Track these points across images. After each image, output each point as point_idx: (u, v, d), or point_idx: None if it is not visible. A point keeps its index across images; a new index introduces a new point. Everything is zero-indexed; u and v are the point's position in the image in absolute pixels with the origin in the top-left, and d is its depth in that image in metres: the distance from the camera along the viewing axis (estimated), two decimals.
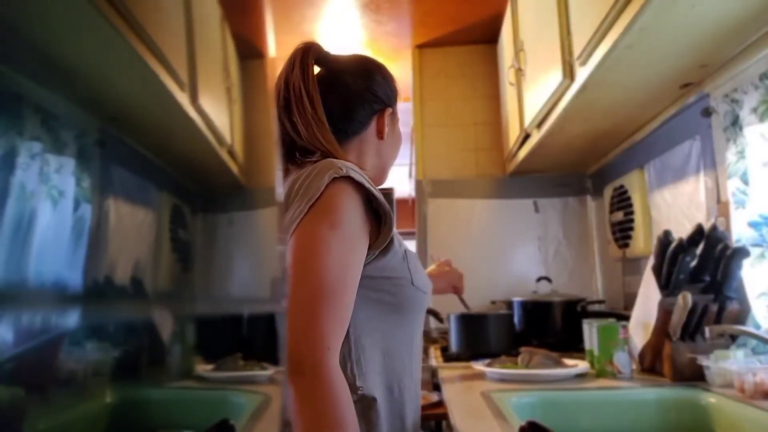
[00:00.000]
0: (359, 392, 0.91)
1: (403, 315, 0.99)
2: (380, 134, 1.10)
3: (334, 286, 0.86)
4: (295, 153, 1.03)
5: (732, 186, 1.43)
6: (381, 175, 1.14)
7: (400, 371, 0.98)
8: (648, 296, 1.56)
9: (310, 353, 0.81)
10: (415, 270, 1.00)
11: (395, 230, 0.99)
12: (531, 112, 2.05)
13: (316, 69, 1.10)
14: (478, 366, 1.62)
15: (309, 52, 1.05)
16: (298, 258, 0.86)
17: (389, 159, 1.15)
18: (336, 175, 0.89)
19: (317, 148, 1.01)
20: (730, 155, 1.43)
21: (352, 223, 0.90)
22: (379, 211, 0.93)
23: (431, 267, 1.56)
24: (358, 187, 0.92)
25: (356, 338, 0.93)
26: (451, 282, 1.52)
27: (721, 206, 1.50)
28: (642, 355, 1.54)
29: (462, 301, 1.71)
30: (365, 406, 0.92)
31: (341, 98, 1.07)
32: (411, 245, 2.89)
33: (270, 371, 0.54)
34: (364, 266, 0.92)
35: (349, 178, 0.90)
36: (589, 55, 1.41)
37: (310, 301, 0.84)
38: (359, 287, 0.91)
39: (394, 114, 1.14)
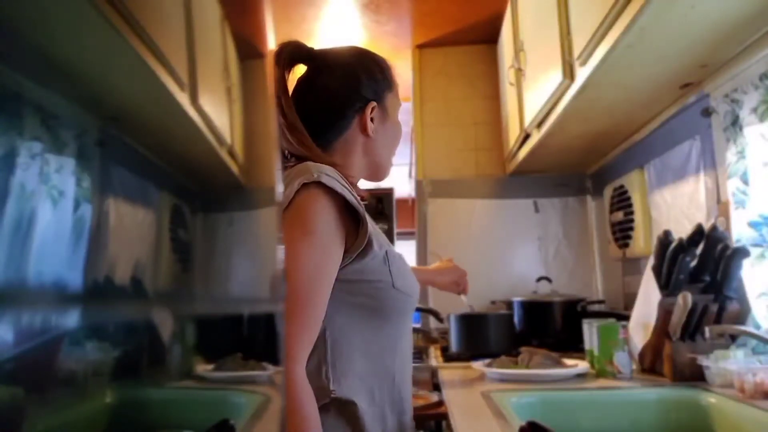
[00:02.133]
0: (332, 395, 0.90)
1: (384, 319, 0.98)
2: (364, 130, 1.05)
3: (304, 296, 0.86)
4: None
5: (732, 186, 1.43)
6: (377, 171, 1.10)
7: (382, 374, 0.97)
8: (648, 296, 1.56)
9: None
10: (398, 272, 0.98)
11: (376, 232, 0.98)
12: (531, 112, 2.05)
13: (303, 68, 1.07)
14: (478, 366, 1.62)
15: (281, 55, 1.02)
16: None
17: (383, 154, 1.09)
18: (306, 181, 0.88)
19: (293, 154, 0.99)
20: (730, 155, 1.43)
21: (324, 229, 0.89)
22: (357, 214, 0.92)
23: (435, 263, 1.55)
24: (330, 191, 0.90)
25: (333, 342, 0.92)
26: (454, 279, 1.48)
27: (721, 206, 1.50)
28: (642, 355, 1.54)
29: (465, 302, 1.71)
30: (341, 409, 0.92)
31: (320, 101, 1.04)
32: (411, 245, 2.90)
33: (270, 371, 0.54)
34: (341, 269, 0.91)
35: (319, 184, 0.89)
36: (589, 55, 1.41)
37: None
38: (337, 291, 0.90)
39: (382, 107, 1.07)
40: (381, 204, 3.26)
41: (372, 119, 1.06)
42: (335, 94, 1.05)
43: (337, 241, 0.91)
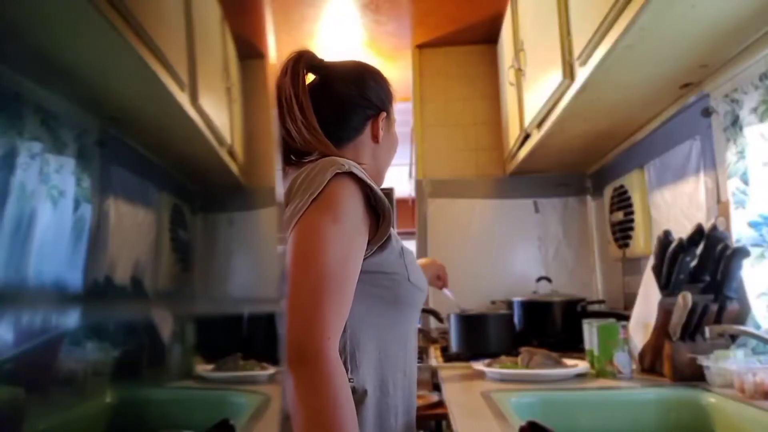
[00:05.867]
0: (350, 384, 0.92)
1: (398, 311, 1.01)
2: (376, 138, 1.12)
3: (335, 278, 0.87)
4: (290, 156, 1.07)
5: (732, 186, 1.43)
6: (377, 177, 1.15)
7: (394, 367, 1.00)
8: (648, 296, 1.56)
9: (311, 343, 0.82)
10: (412, 267, 1.02)
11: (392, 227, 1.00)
12: (531, 112, 2.05)
13: (311, 77, 1.11)
14: (478, 366, 1.62)
15: (300, 60, 1.06)
16: (300, 250, 0.88)
17: (385, 162, 1.16)
18: (338, 171, 0.91)
19: (314, 151, 1.04)
20: (730, 155, 1.43)
21: (353, 218, 0.92)
22: (377, 208, 0.95)
23: (419, 260, 1.58)
24: (360, 182, 0.93)
25: (352, 332, 0.95)
26: (435, 273, 1.54)
27: (721, 206, 1.50)
28: (642, 355, 1.54)
29: (451, 297, 1.72)
30: (357, 399, 0.93)
31: (334, 106, 1.09)
32: (411, 245, 2.90)
33: (270, 371, 0.54)
34: (362, 260, 0.94)
35: (351, 174, 0.92)
36: (589, 55, 1.41)
37: (312, 292, 0.85)
38: (357, 282, 0.92)
39: (389, 117, 1.15)
40: None
41: (384, 125, 1.13)
42: (349, 101, 1.10)
43: (363, 231, 0.94)
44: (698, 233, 1.46)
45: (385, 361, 0.98)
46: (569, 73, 1.58)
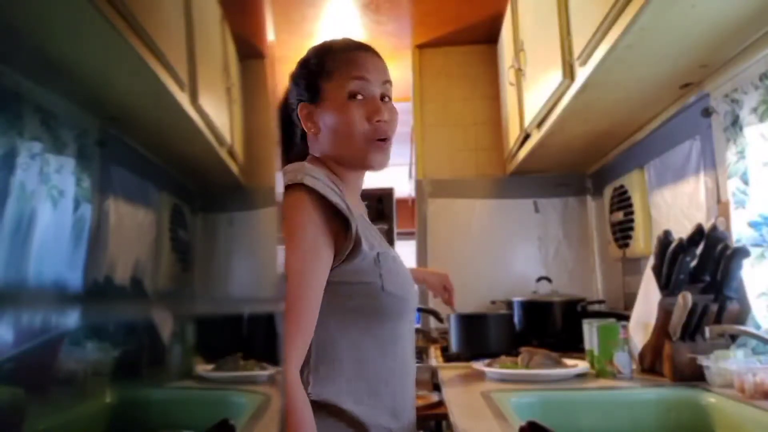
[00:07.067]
0: (309, 398, 0.89)
1: (376, 321, 0.96)
2: (310, 131, 1.03)
3: (295, 299, 0.85)
4: None
5: (732, 186, 1.43)
6: (352, 159, 1.01)
7: (373, 378, 0.95)
8: (648, 296, 1.56)
9: None
10: (389, 275, 0.95)
11: (371, 233, 0.97)
12: (531, 112, 2.05)
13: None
14: (478, 366, 1.62)
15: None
16: None
17: (337, 147, 1.01)
18: (289, 183, 0.88)
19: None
20: (730, 155, 1.43)
21: (309, 231, 0.89)
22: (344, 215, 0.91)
23: (430, 268, 1.57)
24: (314, 193, 0.89)
25: (319, 344, 0.92)
26: (442, 281, 1.47)
27: (721, 206, 1.50)
28: (642, 355, 1.54)
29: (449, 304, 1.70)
30: (324, 411, 0.91)
31: (281, 118, 1.09)
32: (411, 245, 2.90)
33: (270, 371, 0.54)
34: (331, 271, 0.91)
35: (303, 185, 0.88)
36: (589, 55, 1.41)
37: None
38: (326, 293, 0.90)
39: (317, 99, 1.01)
40: (381, 204, 3.26)
41: (309, 116, 1.03)
42: (280, 113, 1.10)
43: (324, 243, 0.90)
44: (698, 233, 1.46)
45: (361, 373, 0.94)
46: (569, 73, 1.58)
